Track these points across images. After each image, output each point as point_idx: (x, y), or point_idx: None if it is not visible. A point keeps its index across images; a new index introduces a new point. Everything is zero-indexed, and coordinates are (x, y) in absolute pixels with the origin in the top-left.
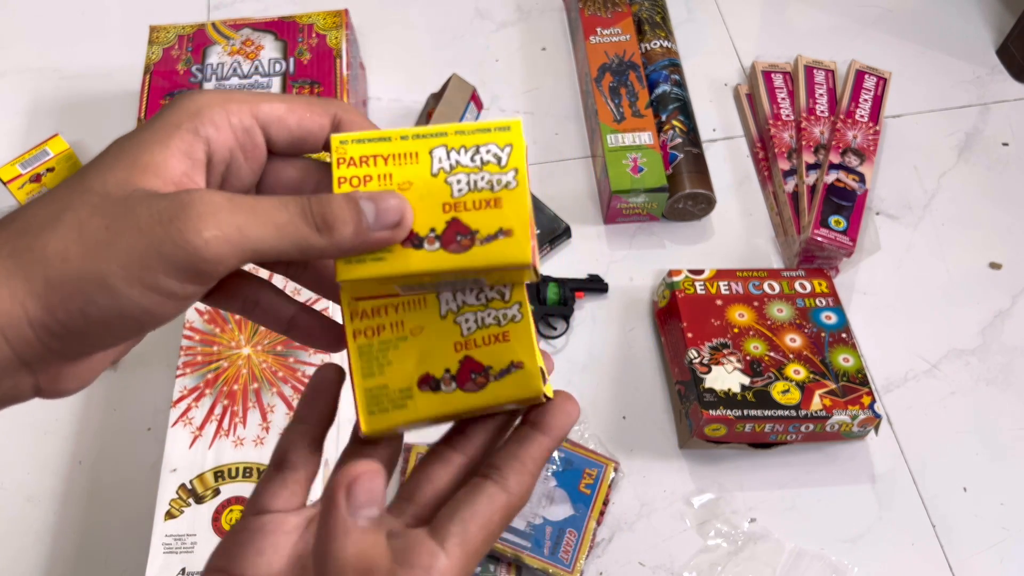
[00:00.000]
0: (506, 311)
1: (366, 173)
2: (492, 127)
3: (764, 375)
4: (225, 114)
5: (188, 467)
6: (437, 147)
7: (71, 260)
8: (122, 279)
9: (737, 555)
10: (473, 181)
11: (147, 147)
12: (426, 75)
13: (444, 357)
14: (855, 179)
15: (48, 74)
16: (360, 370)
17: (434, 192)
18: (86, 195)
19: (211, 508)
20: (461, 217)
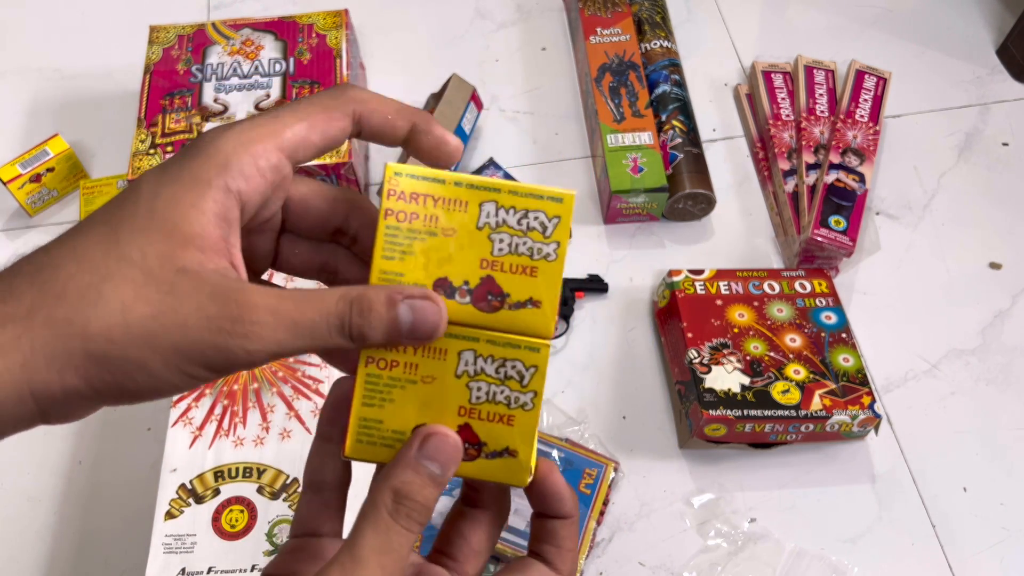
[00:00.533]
0: (520, 395)
1: (413, 210)
2: (545, 194)
3: (764, 375)
4: (252, 159)
5: (188, 467)
6: (487, 201)
7: (116, 342)
8: (163, 367)
9: (737, 555)
10: (515, 244)
11: (182, 212)
12: (426, 75)
13: (445, 416)
14: (855, 179)
15: (48, 74)
16: (361, 397)
17: (476, 245)
18: (125, 267)
19: (211, 508)
20: (496, 277)
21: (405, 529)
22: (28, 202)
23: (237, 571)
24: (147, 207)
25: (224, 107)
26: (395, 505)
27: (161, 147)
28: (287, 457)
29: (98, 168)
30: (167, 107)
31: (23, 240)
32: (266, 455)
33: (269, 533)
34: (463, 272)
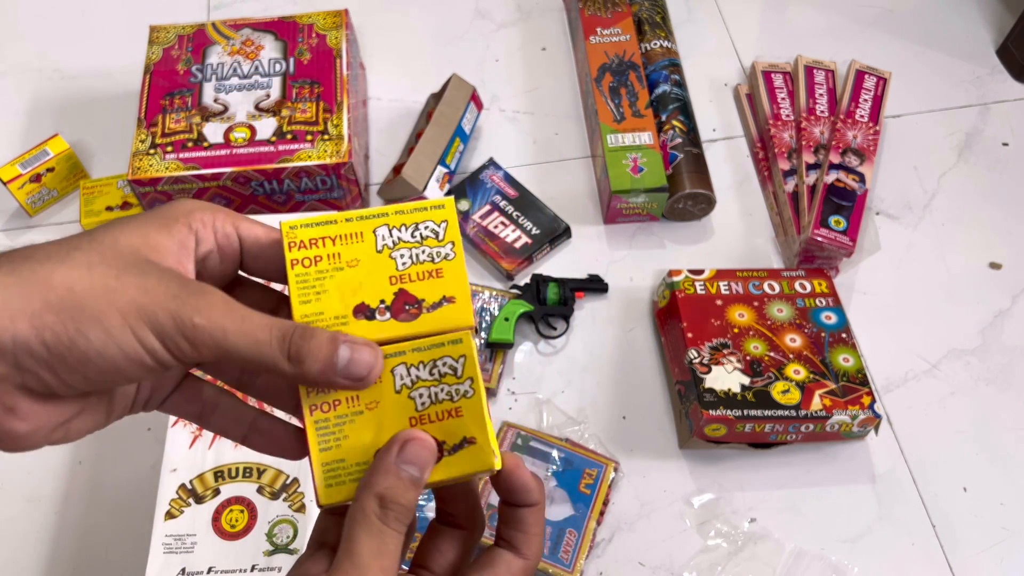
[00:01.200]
0: (459, 387)
1: (316, 254)
2: (428, 206)
3: (764, 375)
4: (212, 219)
5: (188, 467)
6: (380, 227)
7: (76, 292)
8: (117, 323)
9: (737, 555)
10: (415, 255)
11: (153, 230)
12: (426, 75)
13: (382, 289)
14: (855, 179)
15: (48, 74)
16: (317, 445)
17: (380, 267)
18: (96, 245)
19: (211, 508)
20: (407, 288)
21: (396, 532)
22: (28, 202)
23: (237, 571)
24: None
25: (224, 107)
26: (382, 510)
27: (161, 147)
28: None
29: (98, 168)
30: (167, 107)
31: (23, 240)
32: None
33: (269, 533)
34: (376, 293)
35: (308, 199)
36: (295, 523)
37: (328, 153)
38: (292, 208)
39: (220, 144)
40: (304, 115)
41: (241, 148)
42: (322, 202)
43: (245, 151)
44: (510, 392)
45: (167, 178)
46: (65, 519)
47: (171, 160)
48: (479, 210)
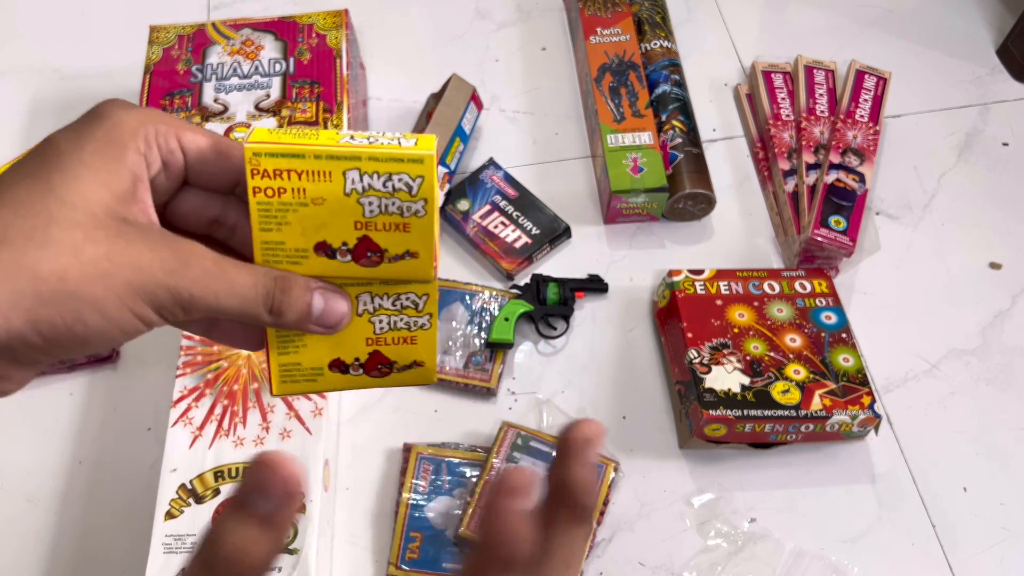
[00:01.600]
0: (417, 319)
1: (280, 185)
2: (405, 157)
3: (764, 375)
4: (155, 134)
5: (188, 467)
6: (350, 169)
7: (69, 281)
8: (115, 306)
9: (737, 555)
10: (384, 205)
11: (110, 166)
12: (426, 75)
13: (355, 349)
14: (855, 179)
15: (48, 74)
16: (276, 349)
17: (347, 209)
18: (68, 211)
19: (211, 508)
20: (372, 236)
21: None
22: None
23: None
24: (75, 159)
25: (224, 107)
26: None
27: None
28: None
29: None
30: (167, 107)
31: None
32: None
33: None
34: (340, 235)
35: None
36: (295, 523)
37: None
38: None
39: None
40: (304, 115)
41: None
42: None
43: None
44: (510, 392)
45: None
46: (65, 519)
47: None
48: (479, 210)
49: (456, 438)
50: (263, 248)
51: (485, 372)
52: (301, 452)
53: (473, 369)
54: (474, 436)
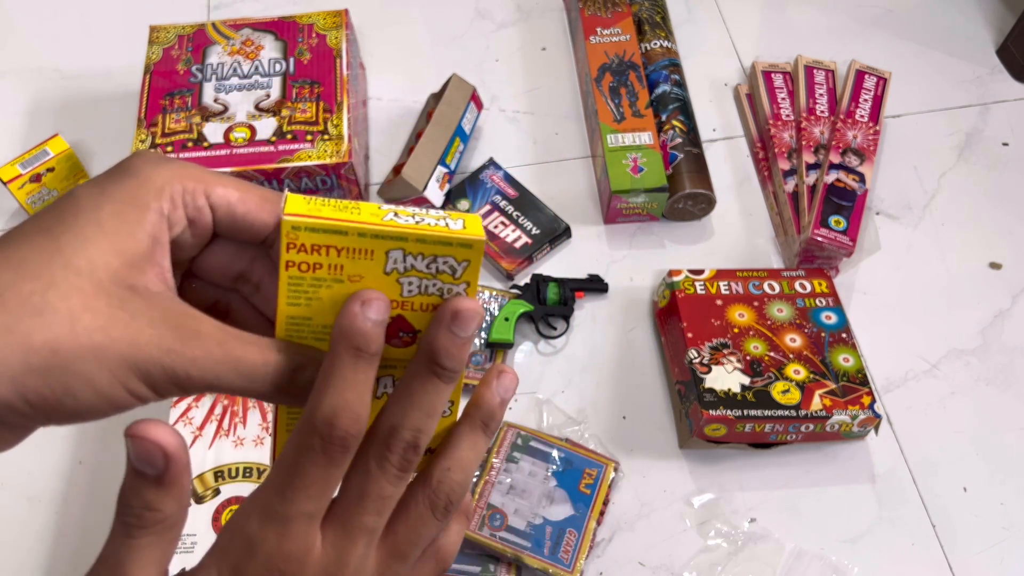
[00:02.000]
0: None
1: (317, 261)
2: (454, 241)
3: (764, 375)
4: (182, 193)
5: None
6: (394, 249)
7: (61, 353)
8: (107, 381)
9: (737, 555)
10: (425, 286)
11: (129, 229)
12: (426, 75)
13: None
14: (855, 179)
15: (48, 74)
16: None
17: (384, 288)
18: (72, 276)
19: (211, 508)
20: (406, 315)
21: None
22: (28, 202)
23: None
24: (90, 219)
25: (224, 107)
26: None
27: (161, 147)
28: None
29: (98, 168)
30: (167, 107)
31: None
32: (266, 455)
33: None
34: None
35: None
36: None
37: (328, 153)
38: None
39: (220, 144)
40: (304, 115)
41: (241, 148)
42: None
43: (245, 151)
44: None
45: None
46: (65, 519)
47: None
48: (479, 210)
49: None
50: (288, 323)
51: (485, 372)
52: None
53: (473, 369)
54: None
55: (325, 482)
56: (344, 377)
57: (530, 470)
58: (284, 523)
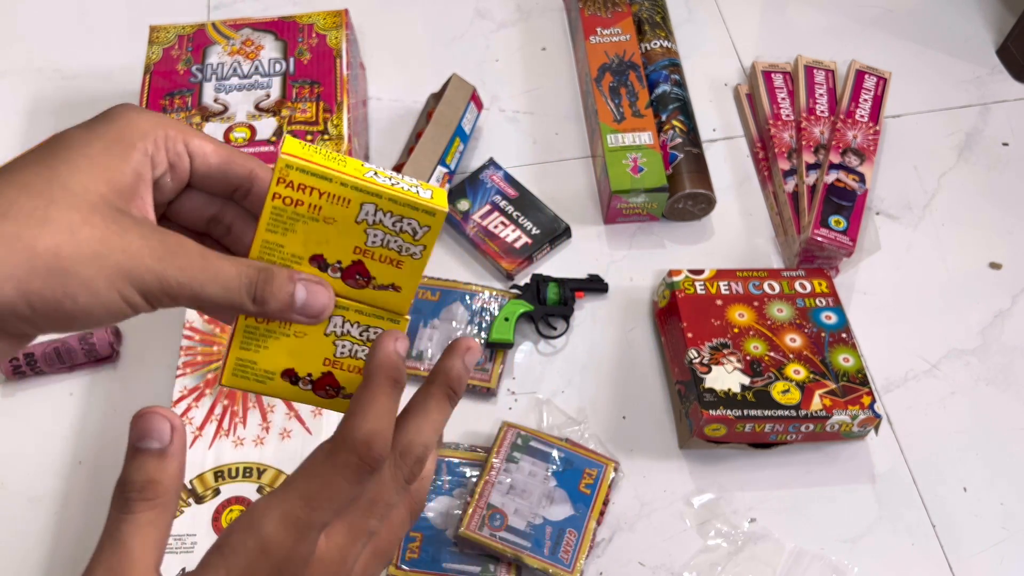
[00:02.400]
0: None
1: (300, 198)
2: (420, 207)
3: (764, 375)
4: (164, 138)
5: (188, 467)
6: (368, 203)
7: (63, 258)
8: (105, 287)
9: (737, 555)
10: (387, 240)
11: (116, 164)
12: (426, 75)
13: (312, 364)
14: (855, 179)
15: (48, 74)
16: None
17: (352, 234)
18: (69, 196)
19: (211, 508)
20: (366, 262)
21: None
22: None
23: None
24: (82, 153)
25: (224, 107)
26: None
27: None
28: (287, 457)
29: None
30: (167, 107)
31: None
32: (266, 455)
33: None
34: (337, 254)
35: None
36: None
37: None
38: None
39: None
40: (304, 115)
41: (241, 148)
42: None
43: (245, 151)
44: (510, 392)
45: None
46: (65, 519)
47: None
48: (479, 210)
49: (456, 438)
50: (263, 245)
51: (485, 372)
52: (301, 452)
53: (473, 369)
54: (474, 436)
55: (350, 496)
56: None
57: (530, 470)
58: (304, 529)
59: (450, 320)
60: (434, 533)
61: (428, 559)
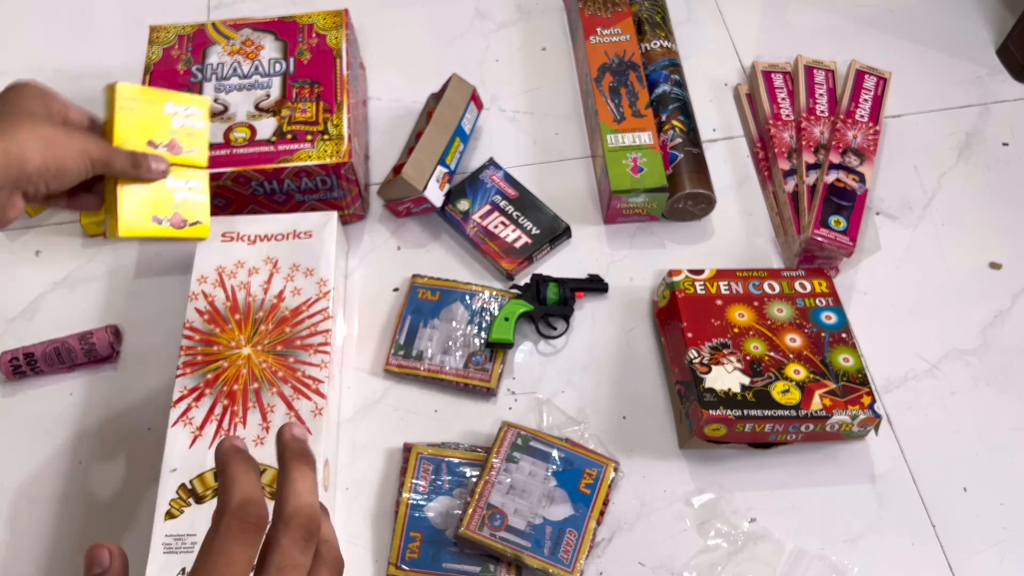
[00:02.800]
0: (196, 123)
1: (132, 108)
2: (194, 102)
3: (764, 375)
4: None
5: (188, 467)
6: (168, 102)
7: (56, 141)
8: (77, 157)
9: (737, 555)
10: (183, 123)
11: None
12: (426, 75)
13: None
14: (855, 179)
15: (48, 74)
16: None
17: (164, 123)
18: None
19: (211, 508)
20: (176, 138)
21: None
22: None
23: None
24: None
25: (224, 107)
26: None
27: None
28: None
29: None
30: None
31: (23, 240)
32: (266, 455)
33: None
34: (160, 137)
35: (308, 199)
36: None
37: (328, 153)
38: (292, 208)
39: (220, 144)
40: (304, 115)
41: (241, 148)
42: (322, 202)
43: (245, 151)
44: (510, 392)
45: None
46: (65, 519)
47: None
48: (479, 210)
49: (456, 438)
50: (120, 138)
51: (485, 372)
52: None
53: (473, 369)
54: (474, 436)
55: (248, 557)
56: (243, 475)
57: (530, 470)
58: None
59: (450, 320)
60: (434, 533)
61: (428, 559)
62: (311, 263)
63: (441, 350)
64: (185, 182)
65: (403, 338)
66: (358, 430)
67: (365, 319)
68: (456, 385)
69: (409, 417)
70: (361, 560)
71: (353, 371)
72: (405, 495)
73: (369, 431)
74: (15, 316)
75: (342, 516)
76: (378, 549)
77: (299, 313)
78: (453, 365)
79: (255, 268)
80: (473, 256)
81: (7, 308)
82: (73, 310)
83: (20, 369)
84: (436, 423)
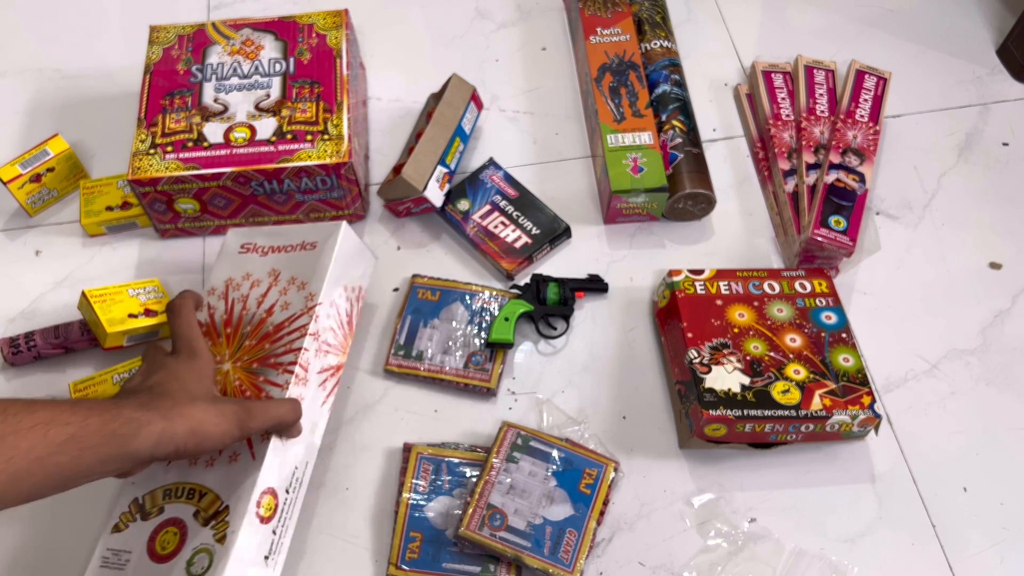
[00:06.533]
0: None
1: (105, 298)
2: (148, 284)
3: (764, 375)
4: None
5: (145, 481)
6: (131, 289)
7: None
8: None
9: (737, 555)
10: (147, 298)
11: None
12: (426, 75)
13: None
14: (855, 179)
15: (48, 74)
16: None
17: (134, 302)
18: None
19: (152, 526)
20: (148, 307)
21: None
22: (28, 202)
23: None
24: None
25: (224, 107)
26: None
27: (161, 147)
28: (229, 481)
29: (98, 168)
30: (167, 107)
31: (23, 240)
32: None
33: (189, 561)
34: (135, 310)
35: (308, 199)
36: (212, 553)
37: (328, 153)
38: (292, 208)
39: (220, 144)
40: (304, 115)
41: (241, 148)
42: (322, 202)
43: (245, 151)
44: (510, 392)
45: (167, 178)
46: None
47: (171, 160)
48: (479, 210)
49: (456, 438)
50: (111, 325)
51: (485, 372)
52: (241, 478)
53: (473, 369)
54: (474, 436)
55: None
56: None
57: (530, 470)
58: None
59: (450, 320)
60: (434, 533)
61: (428, 559)
62: (306, 276)
63: (441, 350)
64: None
65: (403, 338)
66: (358, 430)
67: (365, 319)
68: (456, 385)
69: (409, 417)
70: (361, 560)
71: (353, 371)
72: (405, 495)
73: (369, 431)
74: (15, 316)
75: (342, 516)
76: (378, 549)
77: (281, 329)
78: (453, 365)
79: (257, 280)
80: (473, 256)
81: (7, 308)
82: (73, 310)
83: (19, 350)
84: (436, 423)
